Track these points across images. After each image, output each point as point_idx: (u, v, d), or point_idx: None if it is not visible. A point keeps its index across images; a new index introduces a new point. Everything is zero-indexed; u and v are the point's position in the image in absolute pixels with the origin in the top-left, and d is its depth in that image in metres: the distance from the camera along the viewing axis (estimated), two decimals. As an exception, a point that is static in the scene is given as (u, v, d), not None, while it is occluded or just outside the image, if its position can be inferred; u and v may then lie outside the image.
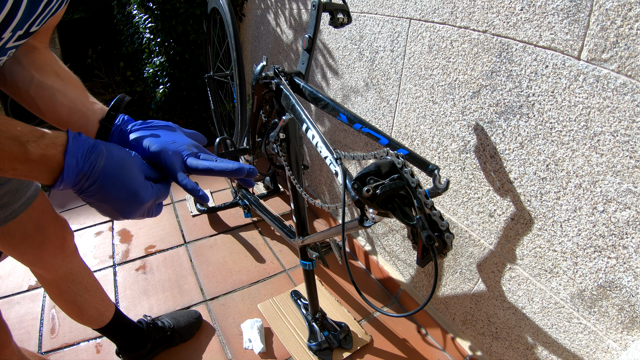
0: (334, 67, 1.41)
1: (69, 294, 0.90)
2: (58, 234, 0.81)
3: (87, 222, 1.74)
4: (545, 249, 0.83)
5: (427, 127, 1.06)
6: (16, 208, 0.70)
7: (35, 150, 0.36)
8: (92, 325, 0.99)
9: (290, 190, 1.07)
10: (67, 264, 0.86)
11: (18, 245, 0.76)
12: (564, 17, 0.68)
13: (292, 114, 0.90)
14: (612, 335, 0.75)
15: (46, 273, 0.85)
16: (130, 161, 0.43)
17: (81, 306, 0.93)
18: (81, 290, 0.91)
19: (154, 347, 1.12)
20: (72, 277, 0.89)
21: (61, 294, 0.90)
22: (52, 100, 0.53)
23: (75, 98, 0.54)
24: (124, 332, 1.06)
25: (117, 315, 1.03)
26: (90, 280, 0.94)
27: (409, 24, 1.03)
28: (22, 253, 0.78)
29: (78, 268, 0.90)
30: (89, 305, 0.94)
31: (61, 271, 0.86)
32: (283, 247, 1.62)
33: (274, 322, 1.26)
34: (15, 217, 0.71)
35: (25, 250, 0.77)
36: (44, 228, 0.77)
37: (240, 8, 2.10)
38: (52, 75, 0.55)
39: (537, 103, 0.77)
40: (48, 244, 0.79)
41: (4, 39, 0.40)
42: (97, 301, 0.96)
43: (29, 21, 0.41)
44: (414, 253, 1.28)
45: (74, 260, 0.88)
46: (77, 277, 0.90)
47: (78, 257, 0.90)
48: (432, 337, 1.25)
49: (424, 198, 0.64)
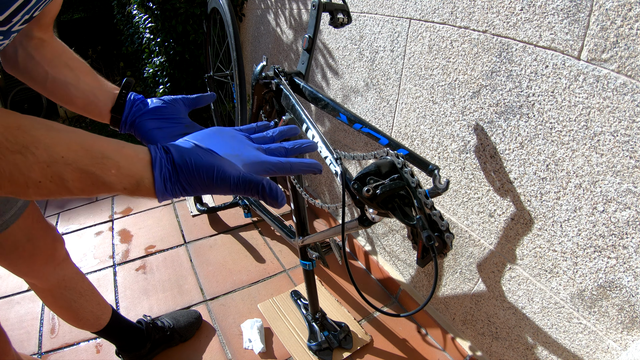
0: (334, 67, 1.41)
1: (64, 300, 0.90)
2: (48, 243, 0.81)
3: (87, 222, 1.74)
4: (545, 249, 0.83)
5: (427, 127, 1.06)
6: (7, 219, 0.69)
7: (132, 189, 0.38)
8: (89, 329, 0.99)
9: (290, 190, 1.07)
10: (59, 272, 0.86)
11: (9, 256, 0.75)
12: (564, 17, 0.68)
13: (292, 114, 0.90)
14: (612, 335, 0.75)
15: (39, 282, 0.85)
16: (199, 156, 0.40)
17: (77, 311, 0.93)
18: (75, 296, 0.91)
19: (154, 347, 1.13)
20: (65, 284, 0.88)
21: (55, 301, 0.90)
22: (67, 94, 0.56)
23: (87, 90, 0.57)
24: (122, 333, 1.06)
25: (114, 317, 1.03)
26: (85, 285, 0.94)
27: (409, 24, 1.03)
28: (13, 264, 0.77)
29: (71, 274, 0.90)
30: (84, 310, 0.94)
31: (54, 279, 0.86)
32: (283, 247, 1.62)
33: (274, 322, 1.26)
34: (6, 229, 0.70)
35: (17, 260, 0.77)
36: (35, 238, 0.77)
37: (240, 8, 2.10)
38: (63, 68, 0.58)
39: (537, 103, 0.77)
40: (39, 254, 0.79)
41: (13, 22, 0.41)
42: (93, 305, 0.96)
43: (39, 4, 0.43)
44: (414, 253, 1.28)
45: (66, 267, 0.88)
46: (70, 283, 0.89)
47: (70, 263, 0.90)
48: (432, 337, 1.25)
49: (424, 198, 0.64)
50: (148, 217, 1.78)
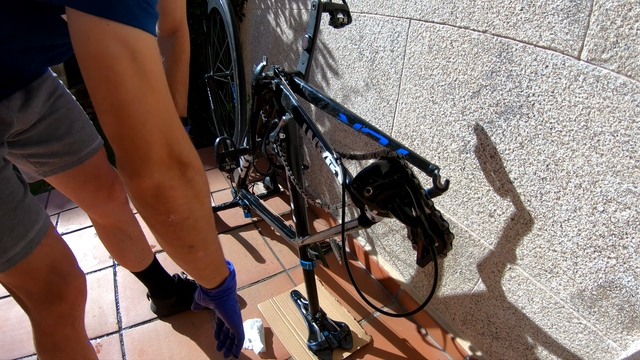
0: (334, 67, 1.41)
1: (115, 238, 1.03)
2: (110, 183, 0.92)
3: (87, 222, 1.74)
4: (545, 249, 0.83)
5: (427, 127, 1.06)
6: (83, 155, 0.83)
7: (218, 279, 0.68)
8: (130, 269, 1.14)
9: (290, 190, 1.07)
10: (117, 212, 0.98)
11: (78, 189, 0.88)
12: (564, 17, 0.68)
13: (292, 114, 0.90)
14: (612, 335, 0.75)
15: (98, 217, 0.98)
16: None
17: (122, 251, 1.07)
18: (125, 238, 1.04)
19: (179, 302, 1.26)
20: (120, 225, 1.01)
21: (108, 237, 1.04)
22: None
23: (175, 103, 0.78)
24: (155, 280, 1.21)
25: (153, 264, 1.18)
26: (136, 232, 1.07)
27: (409, 24, 1.03)
28: (80, 197, 0.90)
29: (126, 218, 1.02)
30: (129, 251, 1.08)
31: (111, 218, 0.98)
32: (283, 247, 1.62)
33: (274, 322, 1.26)
34: (80, 163, 0.83)
35: (83, 194, 0.89)
36: (100, 176, 0.89)
37: (240, 8, 2.10)
38: (171, 69, 0.85)
39: (537, 103, 0.77)
40: (102, 190, 0.91)
41: None
42: (138, 250, 1.10)
43: None
44: (414, 253, 1.28)
45: (124, 210, 1.00)
46: (124, 225, 1.02)
47: (128, 208, 1.02)
48: (432, 337, 1.25)
49: (424, 198, 0.64)
50: (148, 217, 1.78)
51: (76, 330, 0.75)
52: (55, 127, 0.77)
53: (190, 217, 0.49)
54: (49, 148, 0.77)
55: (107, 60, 0.39)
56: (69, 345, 0.75)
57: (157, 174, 0.44)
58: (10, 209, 0.59)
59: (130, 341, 1.20)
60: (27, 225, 0.61)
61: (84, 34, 0.39)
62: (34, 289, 0.65)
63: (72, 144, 0.80)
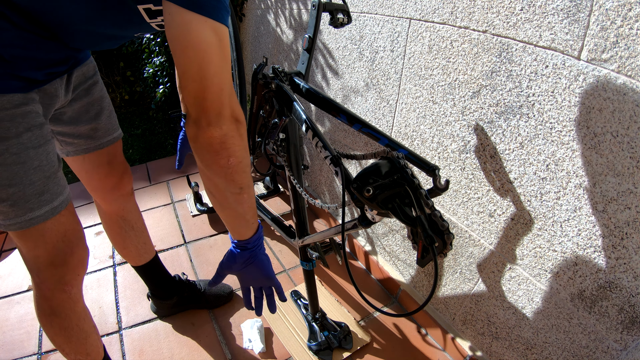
0: (334, 67, 1.41)
1: (117, 227, 1.06)
2: (119, 173, 0.98)
3: (87, 222, 1.74)
4: (545, 249, 0.83)
5: (427, 127, 1.06)
6: (104, 142, 0.90)
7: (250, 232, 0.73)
8: (130, 261, 1.16)
9: (290, 190, 1.07)
10: (122, 201, 1.02)
11: (90, 172, 0.93)
12: (564, 17, 0.68)
13: (292, 114, 0.90)
14: (612, 335, 0.75)
15: (103, 203, 1.01)
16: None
17: (124, 241, 1.09)
18: (127, 228, 1.07)
19: (180, 303, 1.26)
20: (124, 214, 1.05)
21: (111, 225, 1.06)
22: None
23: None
24: (155, 278, 1.21)
25: (154, 261, 1.19)
26: (139, 223, 1.11)
27: (409, 24, 1.03)
28: (90, 178, 0.95)
29: (130, 208, 1.06)
30: (130, 242, 1.10)
31: (115, 205, 1.02)
32: (283, 247, 1.62)
33: (274, 322, 1.26)
34: (101, 149, 0.90)
35: (94, 176, 0.94)
36: (112, 163, 0.95)
37: (240, 8, 2.10)
38: None
39: (537, 103, 0.77)
40: (111, 177, 0.96)
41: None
42: (139, 243, 1.12)
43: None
44: (414, 253, 1.28)
45: (128, 200, 1.04)
46: (127, 215, 1.06)
47: (133, 200, 1.07)
48: (432, 337, 1.25)
49: (424, 198, 0.64)
50: (148, 217, 1.78)
51: (72, 299, 0.79)
52: (86, 109, 0.84)
53: (242, 161, 0.62)
54: (77, 129, 0.85)
55: (204, 45, 0.54)
56: (64, 311, 0.80)
57: (225, 126, 0.58)
58: (45, 177, 0.67)
59: (130, 341, 1.20)
60: (53, 194, 0.69)
61: (186, 25, 0.53)
62: (42, 252, 0.72)
63: (97, 129, 0.88)
